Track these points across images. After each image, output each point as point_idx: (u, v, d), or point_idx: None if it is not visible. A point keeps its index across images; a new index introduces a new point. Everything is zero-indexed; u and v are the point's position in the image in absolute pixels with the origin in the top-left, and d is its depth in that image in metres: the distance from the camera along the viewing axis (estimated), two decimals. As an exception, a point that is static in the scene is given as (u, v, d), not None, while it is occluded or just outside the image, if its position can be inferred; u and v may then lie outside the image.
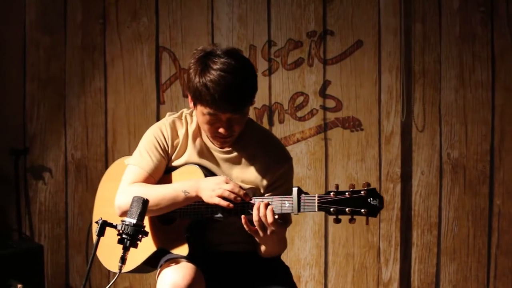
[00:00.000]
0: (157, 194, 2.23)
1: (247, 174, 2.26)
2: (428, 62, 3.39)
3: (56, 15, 3.67)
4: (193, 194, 2.19)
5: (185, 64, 3.54)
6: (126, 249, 2.08)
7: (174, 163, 2.33)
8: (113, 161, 3.61)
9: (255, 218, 2.10)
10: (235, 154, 2.27)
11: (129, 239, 2.06)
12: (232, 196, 2.12)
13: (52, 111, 3.71)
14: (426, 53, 3.38)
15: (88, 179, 3.68)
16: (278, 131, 3.46)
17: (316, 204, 2.05)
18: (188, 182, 2.22)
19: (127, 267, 2.32)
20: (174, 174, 2.32)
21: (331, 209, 2.04)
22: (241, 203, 2.14)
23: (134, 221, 2.07)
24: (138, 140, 3.52)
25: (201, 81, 2.11)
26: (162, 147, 2.31)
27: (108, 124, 3.65)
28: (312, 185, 3.43)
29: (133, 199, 2.10)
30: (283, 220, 2.20)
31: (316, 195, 2.06)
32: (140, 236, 2.08)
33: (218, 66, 2.10)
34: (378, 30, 3.39)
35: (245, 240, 2.31)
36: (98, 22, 3.62)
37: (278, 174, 2.27)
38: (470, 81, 3.37)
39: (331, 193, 2.05)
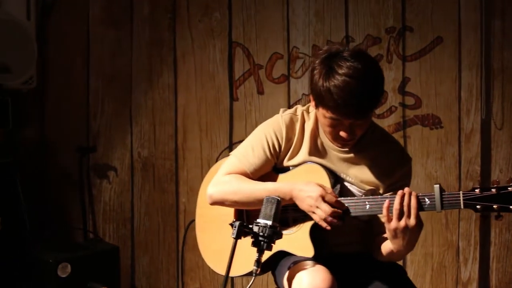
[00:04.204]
0: (250, 191, 2.19)
1: (367, 175, 2.21)
2: (507, 59, 3.34)
3: (122, 8, 3.56)
4: (286, 199, 2.14)
5: (259, 60, 3.45)
6: (261, 252, 2.00)
7: (289, 163, 2.27)
8: (184, 159, 3.56)
9: (396, 206, 2.00)
10: (354, 154, 2.21)
11: (266, 241, 1.99)
12: (329, 219, 2.07)
13: (117, 107, 3.60)
14: (505, 50, 3.33)
15: (155, 178, 3.58)
16: (356, 128, 3.39)
17: (462, 201, 2.00)
18: (282, 187, 2.17)
19: (239, 271, 2.26)
20: (292, 173, 2.26)
21: (478, 206, 2.00)
22: (373, 200, 2.07)
23: (270, 222, 2.00)
24: (210, 138, 3.52)
25: (324, 85, 2.04)
26: (272, 148, 2.24)
27: (178, 121, 3.54)
28: (391, 183, 3.36)
29: (265, 199, 2.02)
30: None
31: (461, 192, 2.01)
32: (275, 238, 2.01)
33: (343, 71, 2.02)
34: (458, 26, 3.33)
35: (359, 240, 2.28)
36: (166, 16, 3.52)
37: (399, 175, 2.23)
38: (549, 78, 3.34)
39: (476, 190, 2.01)
